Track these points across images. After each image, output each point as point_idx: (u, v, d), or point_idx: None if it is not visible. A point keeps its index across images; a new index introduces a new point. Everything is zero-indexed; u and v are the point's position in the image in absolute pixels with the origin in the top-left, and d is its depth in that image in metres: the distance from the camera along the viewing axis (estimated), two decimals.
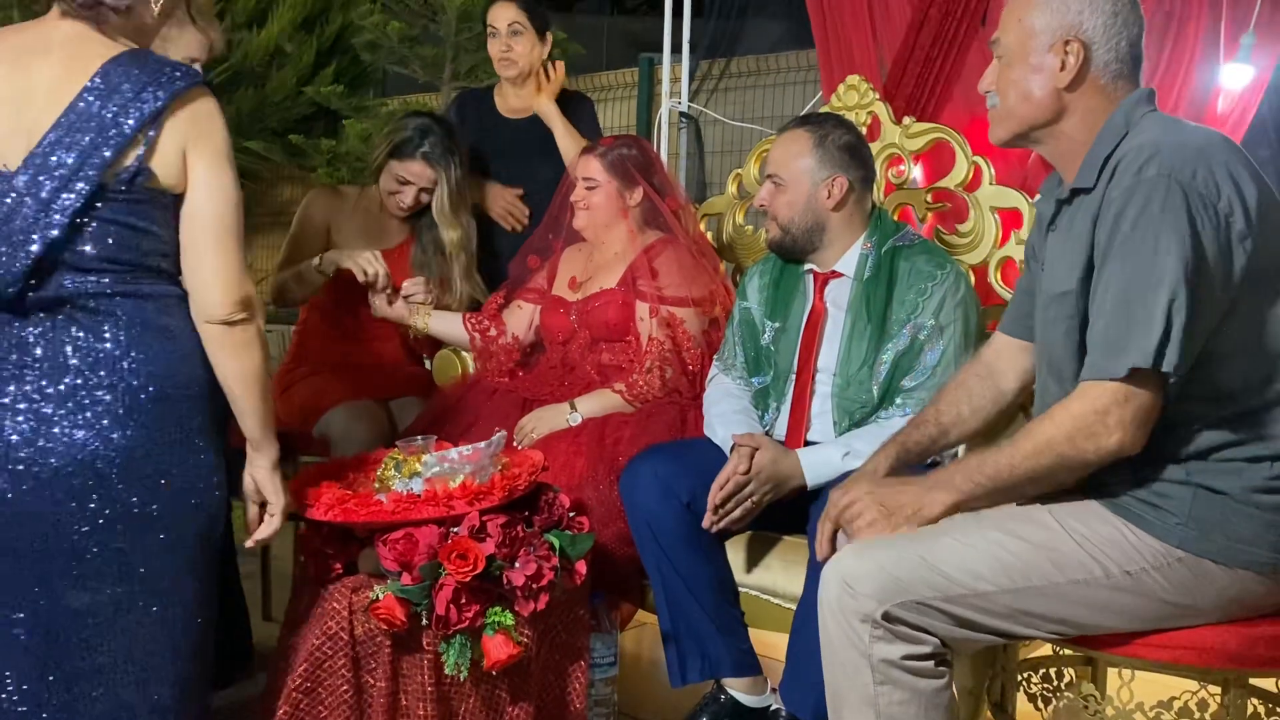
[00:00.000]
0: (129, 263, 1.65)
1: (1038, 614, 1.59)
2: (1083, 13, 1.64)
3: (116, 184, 1.61)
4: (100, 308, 1.64)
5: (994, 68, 1.73)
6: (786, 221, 2.30)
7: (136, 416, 1.64)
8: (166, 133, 1.64)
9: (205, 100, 1.69)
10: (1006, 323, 1.93)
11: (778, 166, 2.32)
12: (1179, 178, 1.50)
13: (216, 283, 1.68)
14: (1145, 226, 1.50)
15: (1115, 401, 1.51)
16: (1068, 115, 1.67)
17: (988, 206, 2.53)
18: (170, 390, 1.67)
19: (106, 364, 1.63)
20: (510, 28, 3.09)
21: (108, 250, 1.63)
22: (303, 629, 1.92)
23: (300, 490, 1.91)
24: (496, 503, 1.88)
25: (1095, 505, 1.61)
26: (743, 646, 2.24)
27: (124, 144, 1.61)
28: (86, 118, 1.60)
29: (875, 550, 1.64)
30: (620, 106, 5.45)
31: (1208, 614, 1.58)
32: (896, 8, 3.39)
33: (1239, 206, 1.51)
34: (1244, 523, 1.55)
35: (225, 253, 1.69)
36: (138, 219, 1.64)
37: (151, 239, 1.66)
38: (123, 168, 1.61)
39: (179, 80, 1.65)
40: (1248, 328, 1.55)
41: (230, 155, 1.71)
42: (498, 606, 1.86)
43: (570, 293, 2.70)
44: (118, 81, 1.62)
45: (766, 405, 2.33)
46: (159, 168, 1.64)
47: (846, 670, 1.62)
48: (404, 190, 2.85)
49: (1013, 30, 1.69)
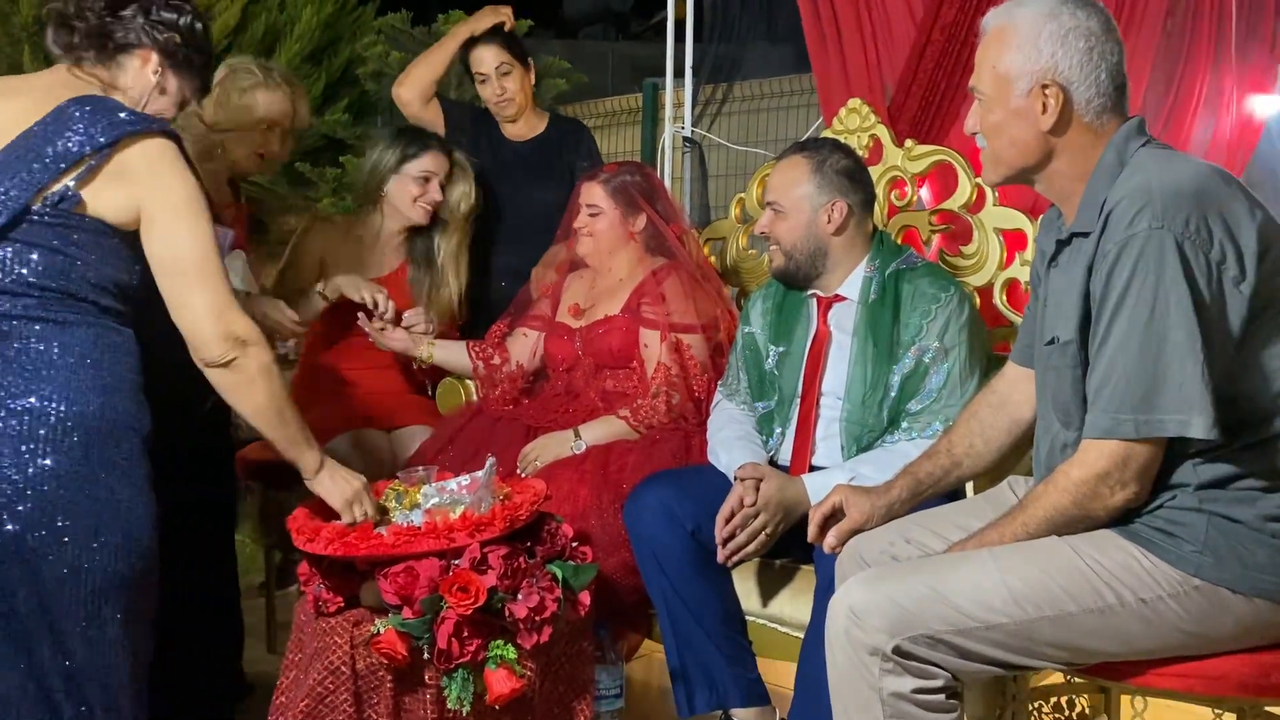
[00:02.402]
0: (56, 290, 1.65)
1: (1051, 644, 1.57)
2: (1056, 54, 1.61)
3: (43, 206, 1.63)
4: (13, 331, 1.63)
5: (975, 110, 1.71)
6: (789, 248, 2.29)
7: (40, 447, 1.61)
8: (110, 166, 1.66)
9: (162, 145, 1.70)
10: (1018, 353, 1.91)
11: (777, 193, 2.31)
12: (1172, 228, 1.48)
13: (197, 327, 1.70)
14: (1142, 283, 1.48)
15: (1115, 464, 1.52)
16: (1057, 156, 1.65)
17: (991, 228, 2.51)
18: (82, 422, 1.63)
19: (14, 391, 1.61)
20: (499, 70, 3.12)
21: (31, 274, 1.63)
22: (304, 664, 1.90)
23: (300, 524, 1.90)
24: (498, 534, 1.86)
25: (1109, 533, 1.59)
26: (751, 676, 2.22)
27: (59, 170, 1.63)
28: (30, 145, 1.64)
29: (883, 581, 1.62)
30: (625, 132, 5.47)
31: (1223, 643, 1.56)
32: (899, 29, 3.37)
33: (1231, 251, 1.50)
34: (1259, 550, 1.52)
35: (200, 294, 1.69)
36: (64, 245, 1.64)
37: (83, 268, 1.66)
38: (51, 191, 1.63)
39: (135, 122, 1.69)
40: (1259, 360, 1.53)
41: (193, 200, 1.72)
42: (500, 640, 1.84)
43: (574, 320, 2.69)
44: (71, 115, 1.67)
45: (771, 430, 2.31)
46: (90, 196, 1.65)
47: (856, 704, 1.60)
48: (428, 187, 2.86)
49: (987, 76, 1.67)
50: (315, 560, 1.91)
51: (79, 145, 1.64)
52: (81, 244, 1.66)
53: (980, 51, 1.69)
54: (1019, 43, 1.62)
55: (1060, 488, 1.57)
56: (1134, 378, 1.49)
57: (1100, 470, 1.53)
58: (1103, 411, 1.52)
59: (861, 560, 1.84)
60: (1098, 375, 1.54)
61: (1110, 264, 1.51)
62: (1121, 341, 1.50)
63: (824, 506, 1.92)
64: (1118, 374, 1.50)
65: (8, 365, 1.62)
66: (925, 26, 3.23)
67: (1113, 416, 1.51)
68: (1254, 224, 1.52)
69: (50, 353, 1.64)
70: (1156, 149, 1.63)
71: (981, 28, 1.70)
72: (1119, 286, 1.50)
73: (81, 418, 1.64)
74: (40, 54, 4.86)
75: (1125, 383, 1.50)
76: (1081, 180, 1.64)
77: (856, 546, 1.87)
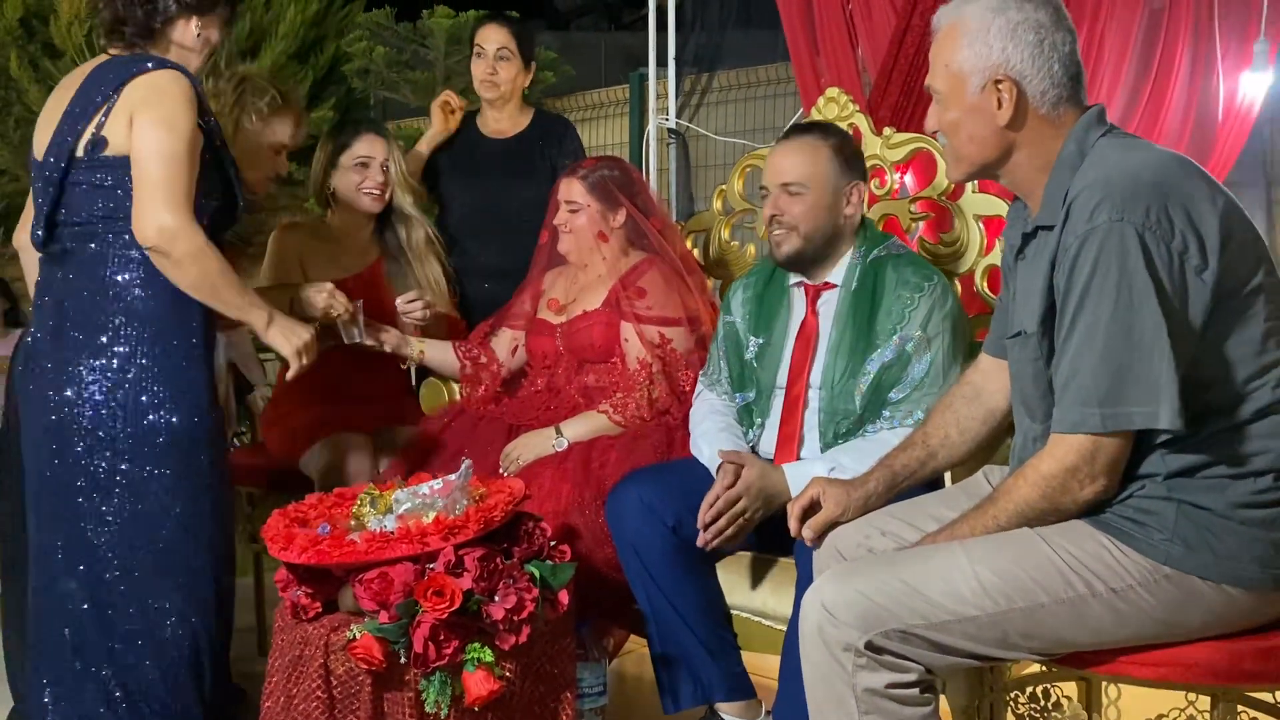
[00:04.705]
0: (101, 217, 2.05)
1: (1023, 635, 1.56)
2: (1006, 49, 1.61)
3: (85, 152, 2.04)
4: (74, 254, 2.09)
5: (934, 109, 1.71)
6: (809, 230, 2.23)
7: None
8: (120, 101, 2.02)
9: (165, 78, 2.03)
10: (990, 344, 1.91)
11: (797, 174, 2.23)
12: (1132, 219, 1.48)
13: (138, 214, 2.01)
14: (1105, 276, 1.48)
15: (1084, 458, 1.52)
16: (1017, 149, 1.65)
17: (971, 215, 2.50)
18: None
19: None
20: (498, 53, 3.10)
21: (80, 208, 2.06)
22: (284, 669, 1.90)
23: (274, 532, 1.90)
24: (471, 536, 1.86)
25: (1080, 523, 1.58)
26: (735, 670, 2.22)
27: (91, 115, 2.03)
28: (77, 103, 2.06)
29: (855, 576, 1.62)
30: (613, 124, 5.45)
31: (1194, 631, 1.55)
32: (879, 16, 3.36)
33: (1194, 240, 1.49)
34: (1228, 538, 1.52)
35: (144, 190, 2.00)
36: (100, 181, 2.04)
37: (109, 197, 2.05)
38: (88, 139, 2.04)
39: (148, 64, 2.04)
40: (1223, 349, 1.53)
41: (170, 118, 2.01)
42: (477, 642, 1.84)
43: (554, 316, 2.68)
44: (103, 72, 2.06)
45: (751, 422, 2.30)
46: (111, 134, 2.03)
47: (831, 700, 1.60)
48: (368, 172, 2.81)
49: (941, 74, 1.67)
50: (292, 566, 1.91)
51: (100, 94, 2.03)
52: (113, 179, 2.04)
53: (934, 50, 1.69)
54: (969, 40, 1.62)
55: (1030, 482, 1.57)
56: (1099, 371, 1.48)
57: (1069, 464, 1.52)
58: (1070, 405, 1.52)
59: (838, 553, 1.85)
60: (1064, 369, 1.53)
61: (1072, 257, 1.51)
62: (1086, 335, 1.50)
63: (802, 499, 1.92)
64: (1083, 368, 1.50)
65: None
66: (905, 12, 3.22)
67: (1080, 410, 1.50)
68: (1215, 211, 1.51)
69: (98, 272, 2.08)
70: (1117, 138, 1.62)
71: (934, 26, 1.70)
72: (1081, 280, 1.50)
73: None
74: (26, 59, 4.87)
75: (1091, 376, 1.49)
76: (1044, 172, 1.63)
77: (833, 540, 1.87)
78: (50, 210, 2.07)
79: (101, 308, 2.07)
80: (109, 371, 2.05)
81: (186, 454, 2.10)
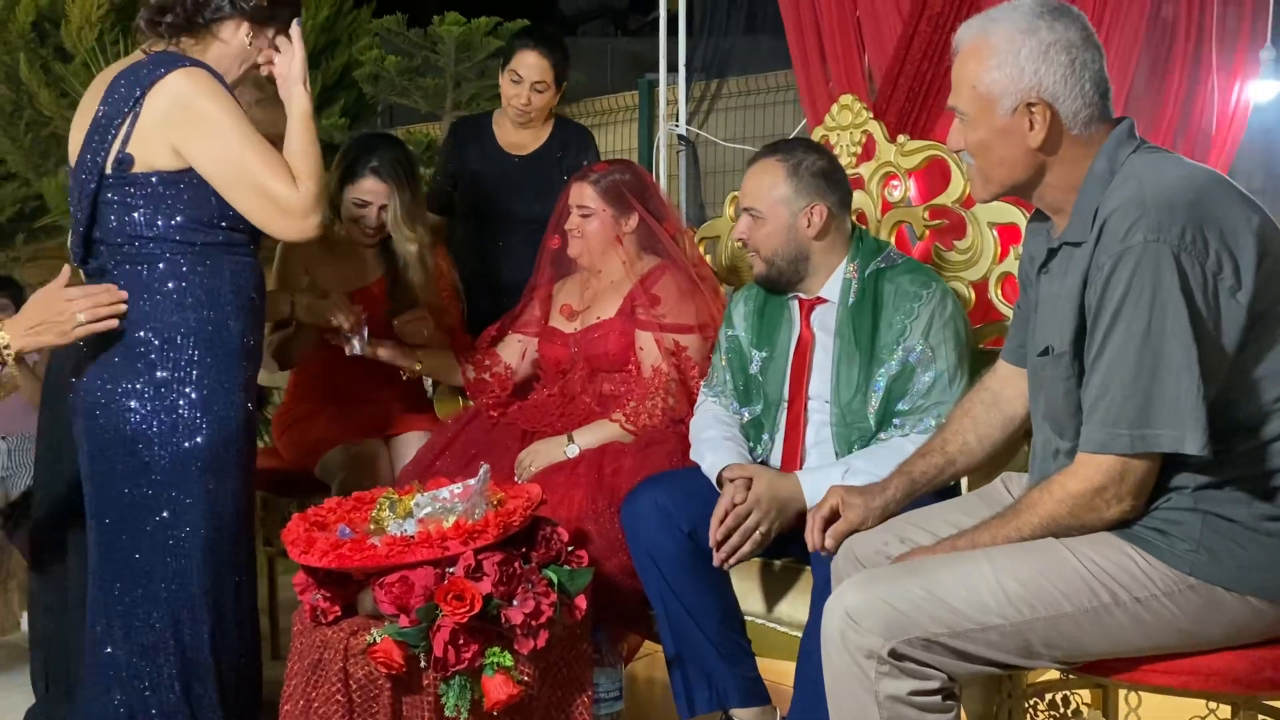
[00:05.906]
0: (132, 236, 2.01)
1: (1046, 644, 1.57)
2: (1039, 71, 1.56)
3: (113, 170, 1.99)
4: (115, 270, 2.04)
5: (958, 128, 1.67)
6: (770, 254, 2.25)
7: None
8: (144, 116, 1.97)
9: (181, 85, 1.96)
10: (1009, 350, 1.90)
11: (753, 199, 2.25)
12: (1168, 240, 1.46)
13: (268, 230, 2.04)
14: (1139, 296, 1.47)
15: (1112, 479, 1.52)
16: (1049, 170, 1.63)
17: (985, 222, 2.50)
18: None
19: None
20: (535, 86, 3.08)
21: (113, 226, 2.02)
22: (303, 672, 1.91)
23: (294, 536, 1.91)
24: (491, 541, 1.86)
25: (1105, 533, 1.58)
26: (750, 675, 2.21)
27: (117, 129, 1.98)
28: (102, 114, 2.00)
29: (878, 583, 1.62)
30: (622, 130, 5.46)
31: (1217, 641, 1.55)
32: (885, 22, 3.36)
33: (1228, 261, 1.48)
34: (1254, 549, 1.52)
35: (249, 204, 1.99)
36: (132, 200, 2.00)
37: (140, 215, 2.00)
38: (115, 156, 1.99)
39: (161, 70, 1.97)
40: (1255, 366, 1.52)
41: (222, 113, 1.96)
42: (496, 646, 1.84)
43: (566, 323, 2.68)
44: (118, 85, 2.00)
45: (759, 437, 2.29)
46: (137, 151, 1.98)
47: (853, 706, 1.59)
48: (365, 212, 2.79)
49: (967, 95, 1.63)
50: (311, 570, 1.92)
51: (122, 108, 1.97)
52: (144, 197, 2.00)
53: (957, 68, 1.65)
54: (998, 61, 1.58)
55: (1056, 499, 1.57)
56: (1129, 392, 1.48)
57: (1096, 485, 1.52)
58: (1098, 425, 1.51)
59: (856, 560, 1.85)
60: (1093, 388, 1.52)
61: (1106, 276, 1.50)
62: (1117, 355, 1.49)
63: (823, 509, 1.91)
64: (1113, 388, 1.49)
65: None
66: (912, 18, 3.21)
67: (1108, 431, 1.50)
68: (1251, 230, 1.50)
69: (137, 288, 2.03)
70: (1148, 153, 1.60)
71: (955, 44, 1.66)
72: (1115, 299, 1.49)
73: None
74: (37, 62, 4.88)
75: (1121, 397, 1.48)
76: (1074, 190, 1.61)
77: (851, 547, 1.87)
78: (86, 228, 2.06)
79: (140, 330, 2.03)
80: (148, 395, 2.02)
81: (218, 476, 2.06)
